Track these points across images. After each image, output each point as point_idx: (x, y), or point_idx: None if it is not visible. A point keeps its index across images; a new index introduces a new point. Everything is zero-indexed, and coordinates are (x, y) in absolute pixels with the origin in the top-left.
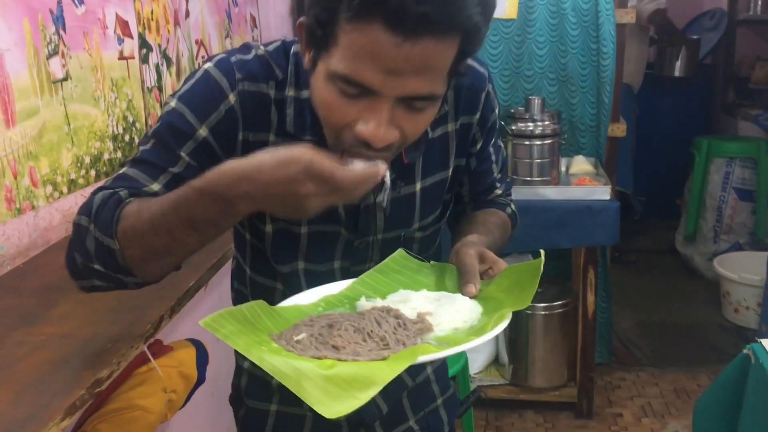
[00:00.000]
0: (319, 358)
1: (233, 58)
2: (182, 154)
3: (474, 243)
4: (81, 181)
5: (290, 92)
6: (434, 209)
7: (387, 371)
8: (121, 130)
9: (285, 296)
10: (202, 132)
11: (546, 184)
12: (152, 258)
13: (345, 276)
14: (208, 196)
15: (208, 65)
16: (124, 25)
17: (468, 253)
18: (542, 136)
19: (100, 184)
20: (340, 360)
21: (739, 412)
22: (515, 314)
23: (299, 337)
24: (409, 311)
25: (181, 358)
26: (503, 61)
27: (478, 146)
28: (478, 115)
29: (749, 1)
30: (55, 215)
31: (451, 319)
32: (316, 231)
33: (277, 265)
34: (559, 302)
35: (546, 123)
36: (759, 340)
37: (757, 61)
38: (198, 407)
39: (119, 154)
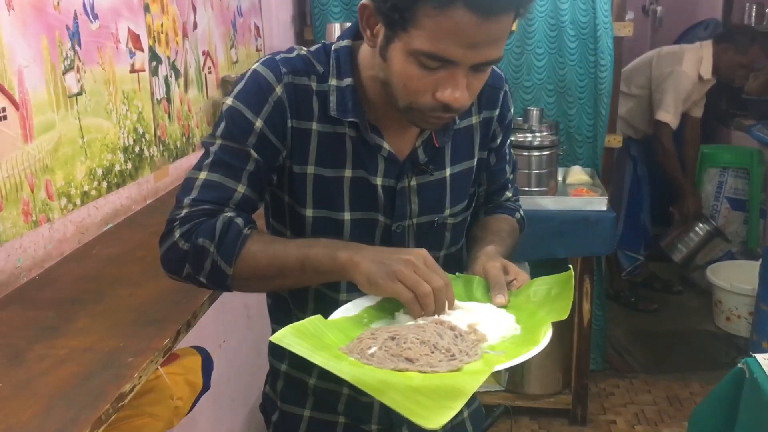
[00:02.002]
0: (399, 370)
1: (278, 57)
2: (249, 149)
3: (496, 255)
4: (93, 192)
5: (332, 82)
6: (462, 198)
7: (470, 381)
8: (131, 142)
9: (319, 295)
10: (259, 124)
11: (544, 195)
12: (254, 287)
13: None
14: (336, 271)
15: (255, 65)
16: (135, 38)
17: (494, 265)
18: (540, 147)
19: (112, 195)
20: (420, 372)
21: (733, 425)
22: None
23: (372, 351)
24: (457, 322)
25: (187, 365)
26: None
27: (498, 141)
28: (497, 112)
29: (743, 12)
30: (69, 227)
31: (495, 329)
32: (357, 218)
33: None
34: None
35: (544, 134)
36: (753, 355)
37: (750, 72)
38: (200, 414)
39: (129, 165)
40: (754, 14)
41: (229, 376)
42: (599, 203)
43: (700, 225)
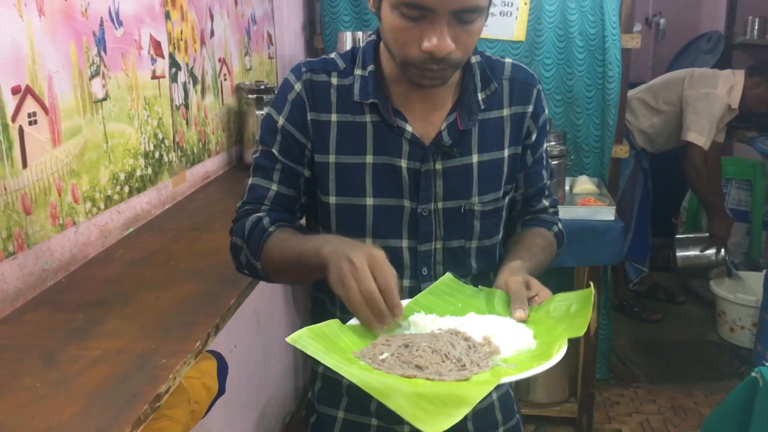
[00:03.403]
0: (407, 377)
1: (304, 61)
2: (274, 151)
3: (520, 270)
4: (116, 197)
5: (357, 72)
6: (493, 188)
7: (475, 391)
8: (152, 147)
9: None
10: (281, 122)
11: None
12: (280, 278)
13: (413, 256)
14: (320, 268)
15: (287, 74)
16: (156, 45)
17: (516, 280)
18: (549, 157)
19: (133, 200)
20: (427, 379)
21: None
22: None
23: (383, 356)
24: (473, 333)
25: (203, 369)
26: None
27: (533, 138)
28: (531, 108)
29: (746, 25)
30: (93, 230)
31: (511, 342)
32: (381, 205)
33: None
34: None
35: (552, 144)
36: (767, 364)
37: None
38: (212, 417)
39: (150, 170)
40: (756, 28)
41: (240, 380)
42: (607, 213)
43: (719, 255)
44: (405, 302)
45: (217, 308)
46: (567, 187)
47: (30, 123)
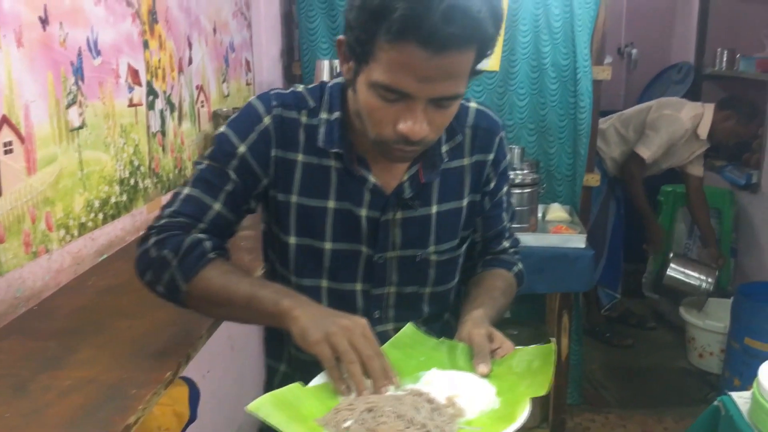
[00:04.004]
0: None
1: (273, 92)
2: (229, 171)
3: (482, 321)
4: (90, 224)
5: (323, 115)
6: (450, 237)
7: None
8: (127, 174)
9: None
10: (242, 149)
11: (524, 231)
12: (204, 311)
13: (366, 299)
14: (276, 317)
15: (252, 99)
16: (134, 74)
17: (479, 333)
18: (522, 185)
19: (107, 227)
20: None
21: None
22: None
23: (347, 425)
24: (437, 394)
25: (174, 396)
26: None
27: (492, 185)
28: (492, 156)
29: (714, 57)
30: (66, 258)
31: (474, 403)
32: (339, 249)
33: (299, 279)
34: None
35: (525, 172)
36: (728, 393)
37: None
38: None
39: (125, 197)
40: (725, 59)
41: (213, 406)
42: (578, 241)
43: (708, 280)
44: None
45: (189, 337)
46: (540, 215)
47: (6, 152)
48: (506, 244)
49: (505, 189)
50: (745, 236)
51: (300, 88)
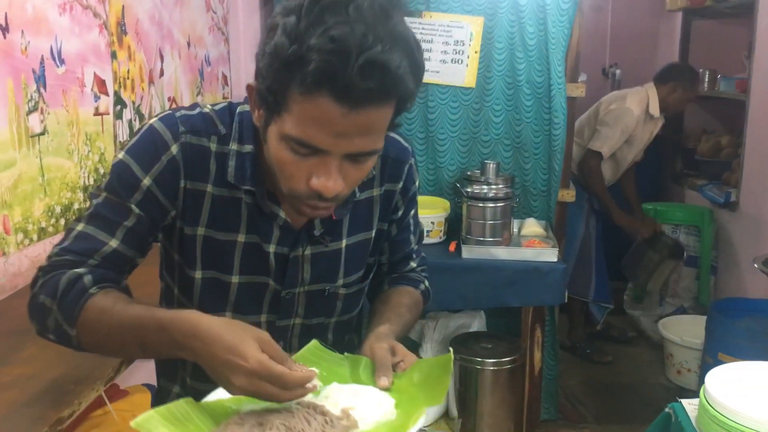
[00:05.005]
0: None
1: (178, 114)
2: (131, 206)
3: (386, 335)
4: (51, 229)
5: (233, 146)
6: (358, 268)
7: None
8: (92, 182)
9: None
10: (147, 182)
11: (498, 245)
12: (102, 351)
13: (271, 330)
14: (163, 333)
15: (153, 120)
16: (101, 83)
17: (381, 347)
18: (495, 199)
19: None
20: None
21: None
22: (465, 368)
23: None
24: (332, 406)
25: (136, 402)
26: (462, 127)
27: (400, 213)
28: (401, 185)
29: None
30: (24, 261)
31: (370, 414)
32: (246, 282)
33: (202, 310)
34: (508, 358)
35: (500, 186)
36: (679, 400)
37: (703, 134)
38: None
39: (88, 203)
40: (707, 80)
41: None
42: (551, 254)
43: (653, 251)
44: None
45: None
46: (516, 230)
47: None
48: (413, 264)
49: (412, 212)
50: (724, 254)
51: (207, 108)
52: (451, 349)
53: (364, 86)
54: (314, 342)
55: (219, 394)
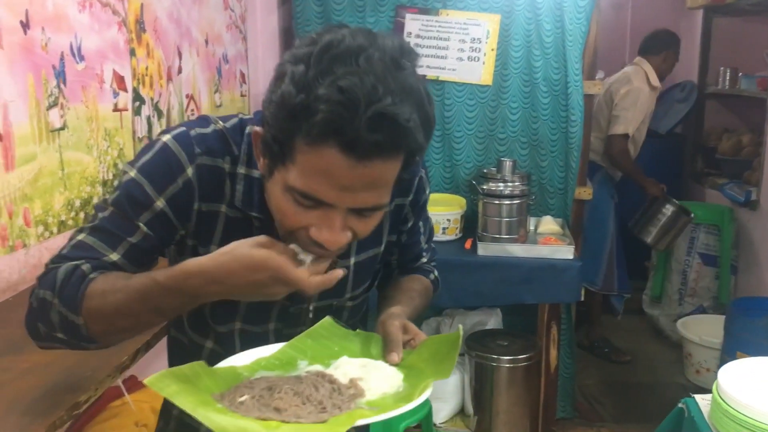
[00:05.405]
0: (263, 419)
1: (193, 132)
2: (140, 224)
3: (398, 315)
4: (70, 222)
5: (241, 170)
6: (365, 281)
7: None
8: (111, 176)
9: (214, 354)
10: (160, 203)
11: (513, 242)
12: (115, 333)
13: (278, 337)
14: (175, 292)
15: (166, 138)
16: (120, 80)
17: (393, 324)
18: (511, 196)
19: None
20: (283, 421)
21: None
22: (481, 366)
23: (242, 399)
24: (341, 376)
25: (153, 394)
26: (478, 124)
27: (410, 224)
28: (411, 198)
29: (718, 75)
30: (45, 254)
31: (378, 385)
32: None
33: (216, 325)
34: (524, 356)
35: (516, 184)
36: (692, 395)
37: (723, 133)
38: None
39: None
40: (728, 78)
41: None
42: (566, 252)
43: (666, 206)
44: (280, 345)
45: (150, 329)
46: (532, 227)
47: None
48: (424, 260)
49: (421, 219)
50: (745, 253)
51: (219, 125)
52: (460, 326)
53: (372, 139)
54: (327, 318)
55: (231, 361)
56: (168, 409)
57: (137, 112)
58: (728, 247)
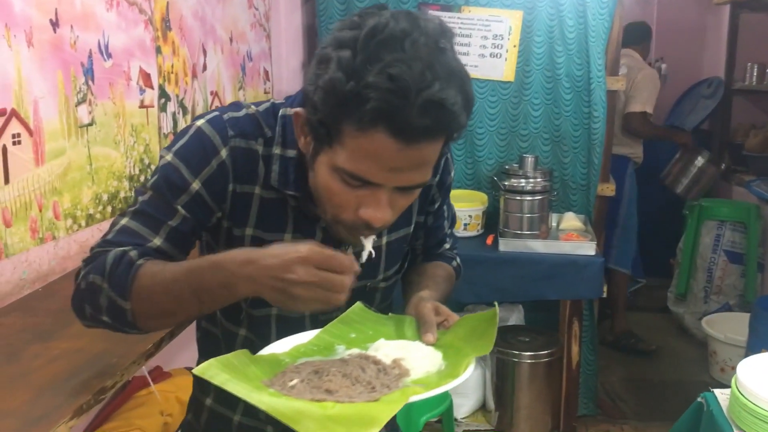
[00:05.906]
0: (317, 401)
1: (226, 116)
2: (178, 207)
3: (429, 298)
4: (98, 216)
5: (277, 150)
6: (396, 261)
7: (384, 410)
8: (137, 171)
9: (248, 342)
10: (196, 186)
11: (535, 238)
12: (157, 316)
13: (313, 322)
14: (218, 269)
15: (200, 122)
16: (146, 77)
17: (426, 306)
18: (533, 192)
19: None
20: (337, 402)
21: None
22: (502, 361)
23: (293, 383)
24: (383, 357)
25: (179, 384)
26: (500, 120)
27: (436, 206)
28: (438, 178)
29: (745, 71)
30: (73, 246)
31: (420, 364)
32: None
33: (252, 310)
34: (545, 351)
35: (537, 180)
36: (712, 390)
37: (751, 129)
38: None
39: (134, 199)
40: (755, 74)
41: None
42: (588, 248)
43: (698, 158)
44: (315, 332)
45: None
46: (554, 223)
47: (14, 143)
48: (446, 246)
49: (446, 203)
50: None
51: (252, 109)
52: (496, 303)
53: (421, 124)
54: (358, 304)
55: (270, 349)
56: (199, 400)
57: (163, 108)
58: (755, 244)
